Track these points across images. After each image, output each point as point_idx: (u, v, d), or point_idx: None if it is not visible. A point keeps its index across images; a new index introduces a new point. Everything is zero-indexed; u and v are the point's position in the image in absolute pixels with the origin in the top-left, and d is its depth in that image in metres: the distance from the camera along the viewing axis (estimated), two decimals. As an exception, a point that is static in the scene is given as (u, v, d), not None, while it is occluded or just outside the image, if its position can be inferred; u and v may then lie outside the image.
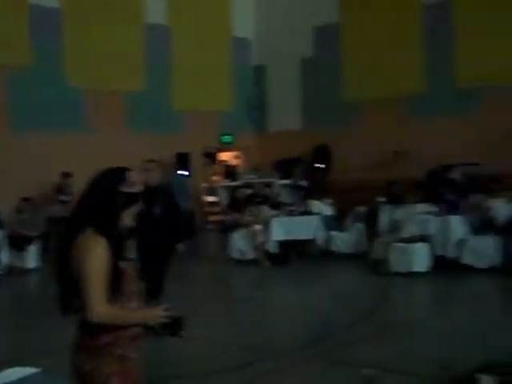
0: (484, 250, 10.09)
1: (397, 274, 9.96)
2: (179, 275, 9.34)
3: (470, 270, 10.08)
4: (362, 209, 12.41)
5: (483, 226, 10.33)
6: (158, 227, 6.74)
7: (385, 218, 11.65)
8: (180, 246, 7.08)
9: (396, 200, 11.86)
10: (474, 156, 13.34)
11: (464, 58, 14.35)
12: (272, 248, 11.77)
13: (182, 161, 16.34)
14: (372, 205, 12.37)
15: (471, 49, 14.18)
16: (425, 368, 5.14)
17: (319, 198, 12.97)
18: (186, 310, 2.90)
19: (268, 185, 14.52)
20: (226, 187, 16.89)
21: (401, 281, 9.82)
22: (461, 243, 10.25)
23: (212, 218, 17.13)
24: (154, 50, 16.52)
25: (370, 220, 11.95)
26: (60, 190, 13.14)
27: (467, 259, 10.20)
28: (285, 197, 13.51)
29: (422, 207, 11.07)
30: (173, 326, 2.68)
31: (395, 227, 10.94)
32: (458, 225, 10.36)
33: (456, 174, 11.74)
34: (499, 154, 13.21)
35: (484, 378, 3.10)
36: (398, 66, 15.49)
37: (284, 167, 15.79)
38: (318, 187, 14.20)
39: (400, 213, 11.20)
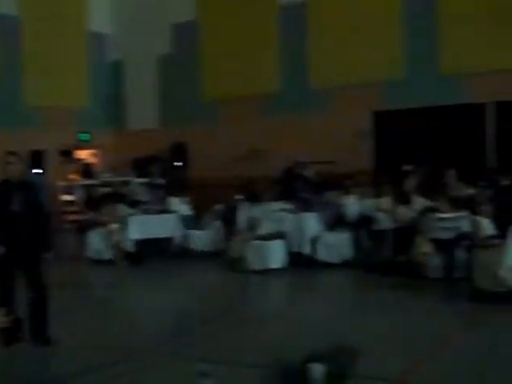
0: (337, 246, 10.45)
1: (254, 271, 10.08)
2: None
3: (324, 265, 10.40)
4: (220, 207, 12.47)
5: (336, 222, 10.68)
6: (16, 225, 6.25)
7: (242, 215, 11.73)
8: (48, 255, 6.55)
9: (253, 198, 11.98)
10: (329, 154, 13.74)
11: (316, 58, 14.72)
12: (129, 247, 11.55)
13: (36, 159, 15.72)
14: (230, 203, 12.44)
15: (325, 48, 14.55)
16: (267, 360, 5.23)
17: (177, 196, 12.90)
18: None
19: (125, 183, 14.26)
20: (83, 186, 16.44)
21: (257, 278, 9.93)
22: (315, 239, 10.53)
23: (69, 217, 16.62)
24: (4, 43, 15.76)
25: (228, 218, 12.00)
26: None
27: (322, 255, 10.50)
28: (142, 195, 13.30)
29: (278, 205, 11.25)
30: (12, 330, 2.53)
31: (252, 225, 11.06)
32: (312, 222, 10.63)
33: (310, 172, 12.05)
34: (352, 153, 13.68)
35: (313, 367, 3.17)
36: (256, 64, 15.68)
37: (142, 165, 15.55)
38: (177, 185, 14.12)
39: (257, 210, 11.33)
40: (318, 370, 3.24)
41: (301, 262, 10.42)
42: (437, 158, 11.63)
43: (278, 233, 10.52)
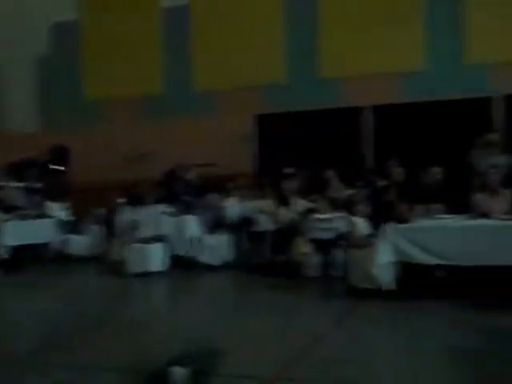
0: (218, 248, 10.45)
1: (134, 274, 9.90)
2: None
3: (205, 267, 10.38)
4: (100, 210, 12.20)
5: (217, 224, 10.68)
6: None
7: (123, 218, 11.52)
8: None
9: (135, 201, 11.79)
10: (213, 157, 13.71)
11: (200, 61, 14.68)
12: (4, 253, 11.08)
13: None
14: (111, 206, 12.19)
15: (208, 51, 14.53)
16: (135, 365, 5.13)
17: (56, 200, 12.52)
18: None
19: (0, 188, 13.68)
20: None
21: (138, 281, 9.76)
22: (196, 242, 10.48)
23: None
24: None
25: (109, 221, 11.76)
26: None
27: (202, 257, 10.48)
28: (18, 200, 12.81)
29: (159, 207, 11.13)
30: None
31: (133, 228, 10.87)
32: (192, 224, 10.58)
33: (192, 175, 11.99)
34: (235, 156, 13.71)
35: (176, 370, 3.10)
36: (139, 66, 15.45)
37: (19, 169, 14.98)
38: (56, 190, 13.69)
39: (138, 213, 11.16)
40: (179, 372, 3.18)
41: (182, 265, 10.36)
42: (317, 161, 11.83)
43: (159, 236, 10.41)
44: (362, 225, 8.35)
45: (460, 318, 6.61)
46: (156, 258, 10.13)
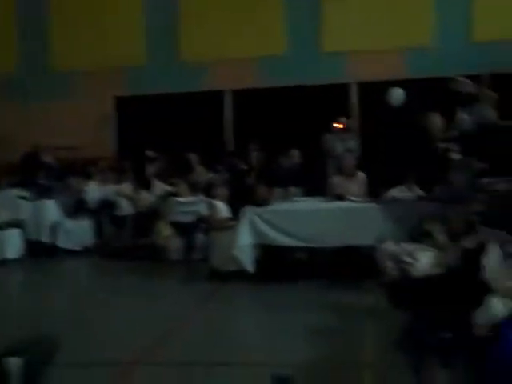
0: (78, 232, 10.28)
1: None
2: None
3: (65, 252, 10.18)
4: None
5: (77, 208, 10.48)
6: None
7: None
8: None
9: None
10: (73, 140, 13.35)
11: (58, 42, 14.17)
12: None
13: None
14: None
15: (67, 32, 14.05)
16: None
17: None
18: None
19: None
20: None
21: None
22: (55, 227, 10.24)
23: None
24: None
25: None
26: None
27: (63, 242, 10.26)
28: None
29: (15, 192, 10.74)
30: None
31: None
32: (51, 209, 10.32)
33: (50, 158, 11.67)
34: (96, 138, 13.43)
35: (10, 360, 3.03)
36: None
37: None
38: None
39: (-8, 198, 10.73)
40: (13, 362, 3.09)
41: (41, 251, 10.08)
42: (180, 144, 11.83)
43: (15, 221, 10.06)
44: (221, 208, 8.49)
45: (317, 297, 6.88)
46: (12, 244, 9.81)
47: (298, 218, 7.54)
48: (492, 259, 2.92)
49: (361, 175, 8.61)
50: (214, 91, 12.68)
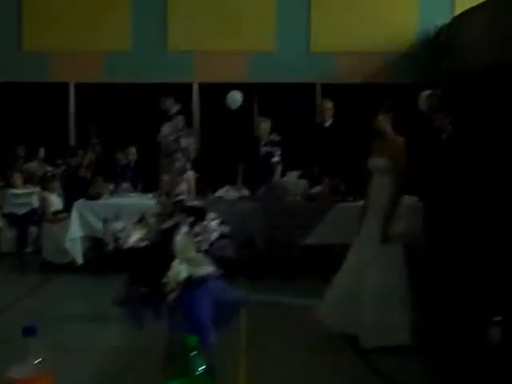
0: None
1: None
2: None
3: None
4: None
5: None
6: None
7: None
8: None
9: None
10: None
11: None
12: None
13: None
14: None
15: None
16: None
17: None
18: None
19: None
20: None
21: None
22: None
23: None
24: None
25: None
26: None
27: None
28: None
29: None
30: None
31: None
32: None
33: None
34: None
35: None
36: None
37: None
38: None
39: None
40: None
41: None
42: (17, 136, 11.64)
43: None
44: (54, 200, 8.60)
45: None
46: None
47: (127, 212, 7.80)
48: (181, 235, 3.81)
49: (189, 174, 8.98)
50: (59, 83, 12.57)
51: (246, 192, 8.47)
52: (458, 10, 11.90)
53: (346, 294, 5.38)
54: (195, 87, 12.67)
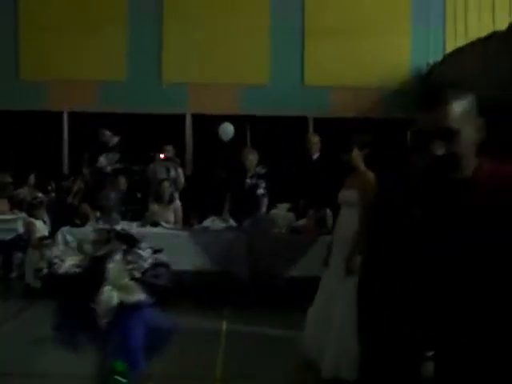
0: None
1: None
2: None
3: None
4: None
5: None
6: None
7: None
8: None
9: None
10: None
11: None
12: None
13: None
14: None
15: None
16: None
17: None
18: None
19: None
20: None
21: None
22: None
23: None
24: None
25: None
26: None
27: None
28: None
29: None
30: None
31: None
32: None
33: None
34: None
35: None
36: None
37: None
38: None
39: None
40: None
41: None
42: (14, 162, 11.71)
43: None
44: (40, 226, 8.62)
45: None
46: None
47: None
48: (113, 262, 3.87)
49: (177, 204, 9.06)
50: (52, 112, 12.63)
51: (232, 223, 8.47)
52: (449, 49, 12.10)
53: (317, 327, 5.42)
54: (188, 118, 12.76)
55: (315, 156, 8.95)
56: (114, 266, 3.89)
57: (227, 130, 11.29)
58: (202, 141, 12.53)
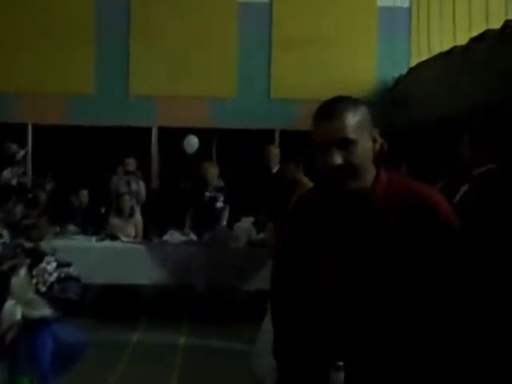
0: None
1: None
2: None
3: None
4: None
5: None
6: None
7: None
8: None
9: None
10: None
11: None
12: None
13: None
14: None
15: None
16: None
17: None
18: None
19: None
20: None
21: None
22: None
23: None
24: None
25: None
26: None
27: None
28: None
29: None
30: None
31: None
32: None
33: None
34: None
35: None
36: None
37: None
38: None
39: None
40: None
41: None
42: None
43: None
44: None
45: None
46: None
47: (69, 255, 7.73)
48: (18, 277, 3.88)
49: (137, 217, 9.00)
50: (18, 124, 12.52)
51: (193, 236, 8.43)
52: (414, 62, 12.15)
53: (262, 345, 5.38)
54: (154, 131, 12.70)
55: (275, 169, 8.93)
56: (19, 280, 3.89)
57: (191, 142, 11.25)
58: (167, 153, 12.47)
